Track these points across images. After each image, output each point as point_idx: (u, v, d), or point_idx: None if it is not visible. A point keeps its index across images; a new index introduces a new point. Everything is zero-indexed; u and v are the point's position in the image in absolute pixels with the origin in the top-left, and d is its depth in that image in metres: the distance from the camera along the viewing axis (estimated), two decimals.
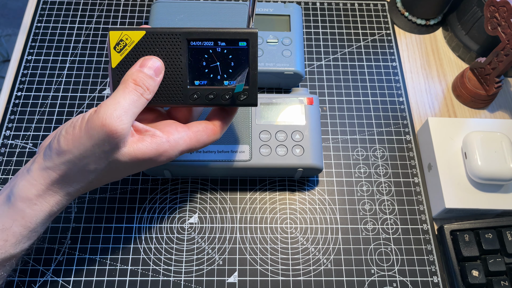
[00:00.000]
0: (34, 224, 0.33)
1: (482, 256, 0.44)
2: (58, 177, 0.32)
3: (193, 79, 0.35)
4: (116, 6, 0.61)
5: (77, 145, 0.31)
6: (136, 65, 0.33)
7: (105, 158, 0.32)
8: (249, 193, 0.49)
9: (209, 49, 0.34)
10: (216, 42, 0.34)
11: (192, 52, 0.34)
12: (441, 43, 0.60)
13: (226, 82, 0.35)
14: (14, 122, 0.52)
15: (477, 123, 0.49)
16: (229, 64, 0.34)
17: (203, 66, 0.34)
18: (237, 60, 0.34)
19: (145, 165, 0.34)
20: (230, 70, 0.34)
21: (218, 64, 0.34)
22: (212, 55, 0.34)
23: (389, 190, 0.49)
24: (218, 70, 0.34)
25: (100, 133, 0.30)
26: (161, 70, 0.34)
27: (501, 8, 0.47)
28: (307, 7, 0.62)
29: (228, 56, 0.34)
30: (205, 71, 0.34)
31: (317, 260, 0.45)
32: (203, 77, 0.35)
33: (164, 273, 0.44)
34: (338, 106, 0.55)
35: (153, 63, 0.33)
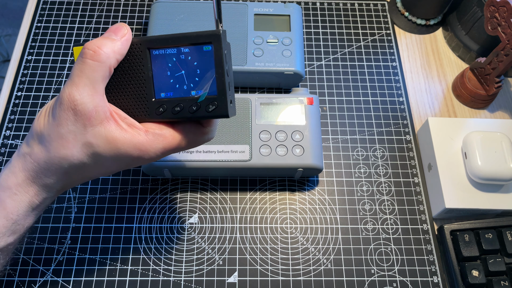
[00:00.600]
0: (16, 216, 0.32)
1: (482, 256, 0.44)
2: (33, 163, 0.31)
3: (159, 91, 0.32)
4: (116, 6, 0.61)
5: (46, 127, 0.30)
6: None
7: (74, 141, 0.30)
8: (249, 193, 0.49)
9: (172, 57, 0.31)
10: (179, 48, 0.31)
11: (155, 62, 0.32)
12: (441, 43, 0.60)
13: (193, 92, 0.31)
14: (14, 122, 0.52)
15: (477, 123, 0.49)
16: (195, 71, 0.31)
17: (167, 76, 0.32)
18: (203, 67, 0.31)
19: (123, 159, 0.31)
20: (196, 78, 0.31)
21: (183, 72, 0.31)
22: (176, 63, 0.31)
23: (389, 190, 0.49)
24: (184, 79, 0.31)
25: (62, 110, 0.29)
26: (121, 28, 0.31)
27: (501, 8, 0.47)
28: (307, 7, 0.62)
29: (193, 62, 0.31)
30: (170, 81, 0.32)
31: (317, 260, 0.45)
32: (169, 88, 0.32)
33: (164, 273, 0.44)
34: (338, 106, 0.55)
35: (114, 26, 0.32)
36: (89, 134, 0.30)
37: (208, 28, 0.53)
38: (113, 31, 0.31)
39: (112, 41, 0.30)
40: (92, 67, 0.29)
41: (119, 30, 0.31)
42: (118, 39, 0.31)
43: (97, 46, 0.30)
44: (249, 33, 0.53)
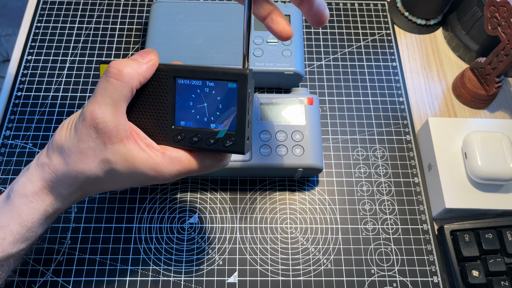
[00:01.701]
0: (30, 223, 0.33)
1: (482, 256, 0.44)
2: (51, 174, 0.32)
3: (179, 119, 0.32)
4: (116, 6, 0.61)
5: (68, 140, 0.31)
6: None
7: (93, 156, 0.31)
8: (249, 193, 0.49)
9: (197, 88, 0.31)
10: (205, 81, 0.31)
11: (179, 91, 0.32)
12: (441, 43, 0.60)
13: (213, 125, 0.32)
14: (14, 122, 0.52)
15: (477, 123, 0.49)
16: (217, 106, 0.31)
17: (189, 106, 0.32)
18: (225, 102, 0.31)
19: (138, 177, 0.32)
20: (217, 113, 0.31)
21: (205, 105, 0.32)
22: (200, 94, 0.31)
23: (389, 190, 0.49)
24: (205, 111, 0.32)
25: (83, 126, 0.30)
26: (148, 52, 0.32)
27: (501, 8, 0.47)
28: None
29: (217, 97, 0.31)
30: (191, 112, 0.32)
31: (317, 260, 0.45)
32: (189, 118, 0.32)
33: (164, 273, 0.44)
34: (338, 106, 0.55)
35: (142, 51, 0.32)
36: (108, 151, 0.30)
37: (208, 28, 0.53)
38: (141, 54, 0.32)
39: (138, 64, 0.31)
40: (116, 86, 0.30)
41: (147, 55, 0.32)
42: (144, 63, 0.31)
43: (122, 66, 0.30)
44: None
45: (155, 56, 0.32)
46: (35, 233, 0.34)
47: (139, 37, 0.58)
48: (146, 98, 0.33)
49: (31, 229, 0.33)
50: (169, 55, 0.51)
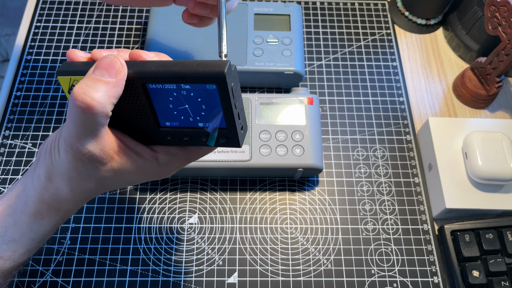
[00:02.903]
0: (42, 237, 0.34)
1: (483, 257, 0.44)
2: (55, 199, 0.31)
3: (164, 121, 0.29)
4: (116, 6, 0.61)
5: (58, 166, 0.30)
6: (88, 72, 0.27)
7: (88, 178, 0.30)
8: (249, 193, 0.49)
9: (172, 92, 0.27)
10: (179, 85, 0.27)
11: (154, 96, 0.28)
12: (442, 43, 0.60)
13: (201, 124, 0.29)
14: (14, 122, 0.51)
15: (477, 123, 0.49)
16: (200, 106, 0.28)
17: (170, 108, 0.28)
18: (208, 103, 0.28)
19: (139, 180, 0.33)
20: (202, 113, 0.28)
21: (186, 106, 0.28)
22: (177, 97, 0.28)
23: (389, 190, 0.49)
24: (189, 112, 0.28)
25: (69, 157, 0.29)
26: (115, 67, 0.27)
27: (502, 7, 0.47)
28: (307, 6, 0.62)
29: (197, 99, 0.27)
30: (174, 113, 0.29)
31: (317, 261, 0.45)
32: (173, 119, 0.29)
33: (164, 273, 0.44)
34: (338, 106, 0.54)
35: (105, 62, 0.27)
36: (101, 171, 0.30)
37: (208, 28, 0.52)
38: (105, 68, 0.27)
39: (106, 85, 0.26)
40: (88, 119, 0.27)
41: (112, 68, 0.27)
42: (112, 81, 0.27)
43: (89, 97, 0.26)
44: (249, 33, 0.53)
45: (123, 65, 0.27)
46: (44, 241, 0.35)
47: (139, 37, 0.58)
48: (122, 109, 0.30)
49: (42, 240, 0.34)
50: (169, 55, 0.50)
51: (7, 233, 0.32)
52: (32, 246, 0.34)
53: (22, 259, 0.34)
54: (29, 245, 0.33)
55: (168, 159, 0.31)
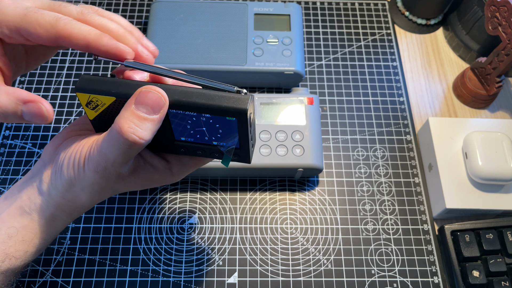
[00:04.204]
0: (53, 236, 0.34)
1: (483, 257, 0.43)
2: (71, 206, 0.32)
3: (179, 136, 0.30)
4: (116, 6, 0.61)
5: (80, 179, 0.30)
6: (129, 103, 0.27)
7: (107, 190, 0.31)
8: (249, 193, 0.49)
9: (192, 117, 0.28)
10: (199, 114, 0.28)
11: (172, 118, 0.29)
12: (442, 43, 0.60)
13: (215, 142, 0.30)
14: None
15: (477, 123, 0.49)
16: (217, 131, 0.29)
17: (187, 128, 0.29)
18: (225, 130, 0.29)
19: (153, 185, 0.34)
20: (218, 135, 0.29)
21: (204, 129, 0.29)
22: (196, 121, 0.28)
23: (389, 190, 0.49)
24: (205, 133, 0.29)
25: (99, 176, 0.29)
26: (160, 104, 0.27)
27: (502, 7, 0.47)
28: (307, 6, 0.62)
29: (215, 125, 0.28)
30: (190, 132, 0.29)
31: (318, 261, 0.45)
32: (189, 136, 0.30)
33: (164, 273, 0.44)
34: (338, 106, 0.54)
35: (150, 98, 0.26)
36: (121, 184, 0.31)
37: (208, 28, 0.53)
38: (151, 106, 0.27)
39: (152, 122, 0.27)
40: (131, 152, 0.28)
41: (157, 105, 0.27)
42: (157, 117, 0.27)
43: (137, 137, 0.26)
44: (249, 33, 0.53)
45: (166, 102, 0.27)
46: (53, 240, 0.36)
47: None
48: None
49: (52, 240, 0.35)
50: (169, 55, 0.51)
51: (19, 234, 0.32)
52: (42, 246, 0.34)
53: (33, 258, 0.34)
54: (40, 245, 0.34)
55: (180, 169, 0.32)
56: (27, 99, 0.28)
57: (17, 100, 0.28)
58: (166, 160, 0.32)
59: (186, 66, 0.50)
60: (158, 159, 0.32)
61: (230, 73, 0.51)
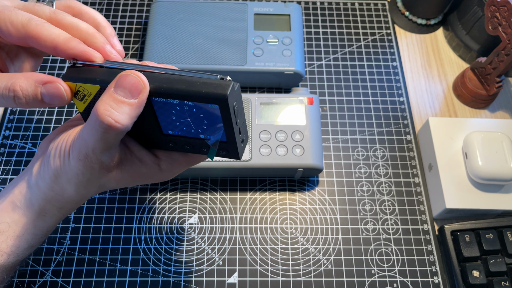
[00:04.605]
0: (45, 232, 0.34)
1: (483, 257, 0.43)
2: (60, 200, 0.32)
3: (166, 129, 0.30)
4: (116, 6, 0.61)
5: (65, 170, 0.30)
6: (109, 87, 0.27)
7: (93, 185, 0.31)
8: (249, 193, 0.48)
9: (175, 106, 0.28)
10: (182, 101, 0.28)
11: (157, 107, 0.29)
12: (442, 43, 0.60)
13: (203, 136, 0.30)
14: (14, 122, 0.51)
15: (477, 123, 0.49)
16: (202, 121, 0.29)
17: (172, 120, 0.29)
18: (210, 119, 0.28)
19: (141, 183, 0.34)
20: (204, 126, 0.29)
21: (189, 120, 0.29)
22: (180, 111, 0.28)
23: (389, 190, 0.49)
24: (191, 124, 0.29)
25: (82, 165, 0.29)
26: (139, 87, 0.27)
27: (502, 7, 0.47)
28: (307, 6, 0.62)
29: (199, 114, 0.28)
30: (176, 124, 0.29)
31: (318, 261, 0.45)
32: (176, 129, 0.30)
33: (164, 273, 0.44)
34: (338, 106, 0.54)
35: (128, 81, 0.27)
36: (107, 177, 0.31)
37: (208, 28, 0.53)
38: (129, 89, 0.27)
39: (129, 106, 0.27)
40: (109, 137, 0.27)
41: (136, 89, 0.27)
42: (135, 102, 0.27)
43: (113, 120, 0.26)
44: (249, 33, 0.53)
45: (146, 85, 0.27)
46: (46, 236, 0.35)
47: (139, 37, 0.58)
48: None
49: (45, 235, 0.35)
50: (169, 55, 0.51)
51: (10, 229, 0.32)
52: (35, 242, 0.34)
53: (25, 254, 0.34)
54: (32, 240, 0.34)
55: (170, 164, 0.32)
56: (45, 80, 0.29)
57: (36, 82, 0.28)
58: (155, 155, 0.32)
59: (186, 66, 0.50)
60: (146, 153, 0.31)
61: (230, 73, 0.51)
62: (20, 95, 0.28)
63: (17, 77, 0.29)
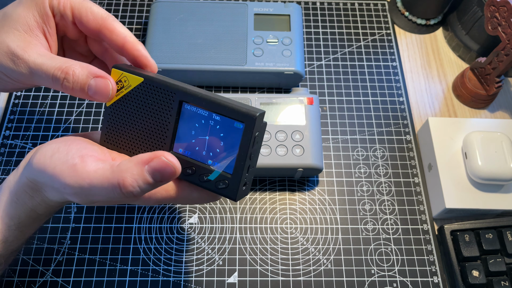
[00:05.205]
0: (16, 222, 0.33)
1: (483, 256, 0.44)
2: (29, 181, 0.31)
3: (177, 146, 0.30)
4: (116, 6, 0.61)
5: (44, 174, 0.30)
6: (141, 161, 0.28)
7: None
8: (249, 193, 0.49)
9: (202, 118, 0.29)
10: (211, 113, 0.29)
11: (184, 116, 0.30)
12: (442, 43, 0.60)
13: (210, 161, 0.30)
14: (14, 122, 0.51)
15: (477, 123, 0.49)
16: (219, 142, 0.29)
17: (191, 135, 0.30)
18: (228, 141, 0.29)
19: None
20: (217, 150, 0.29)
21: (207, 138, 0.29)
22: (203, 125, 0.29)
23: (389, 190, 0.49)
24: (205, 144, 0.29)
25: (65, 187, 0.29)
26: (168, 176, 0.28)
27: (502, 8, 0.47)
28: (307, 7, 0.62)
29: (220, 133, 0.29)
30: (191, 141, 0.30)
31: (317, 260, 0.45)
32: (188, 148, 0.30)
33: (164, 273, 0.44)
34: (338, 106, 0.54)
35: (165, 169, 0.27)
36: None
37: (208, 28, 0.53)
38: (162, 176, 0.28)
39: (152, 187, 0.28)
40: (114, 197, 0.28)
41: (168, 178, 0.28)
42: (159, 184, 0.28)
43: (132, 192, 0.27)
44: (249, 33, 0.53)
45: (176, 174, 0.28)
46: (24, 233, 0.34)
47: (139, 37, 0.58)
48: (147, 112, 0.31)
49: (18, 228, 0.33)
50: (169, 55, 0.51)
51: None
52: (7, 235, 0.33)
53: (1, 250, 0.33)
54: (5, 231, 0.33)
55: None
56: (98, 74, 0.30)
57: (89, 73, 0.30)
58: None
59: (186, 66, 0.50)
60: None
61: (230, 73, 0.51)
62: (71, 79, 0.29)
63: (73, 62, 0.30)
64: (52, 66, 0.29)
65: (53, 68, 0.29)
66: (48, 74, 0.29)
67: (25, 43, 0.31)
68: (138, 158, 0.28)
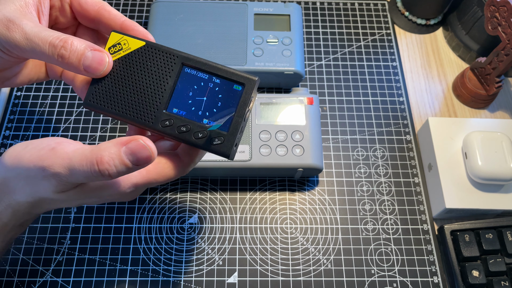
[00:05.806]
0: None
1: (483, 256, 0.44)
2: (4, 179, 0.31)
3: (173, 106, 0.31)
4: (116, 6, 0.61)
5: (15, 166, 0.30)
6: (119, 143, 0.28)
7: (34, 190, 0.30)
8: (249, 193, 0.49)
9: (201, 81, 0.31)
10: (212, 76, 0.31)
11: (183, 78, 0.31)
12: (442, 43, 0.60)
13: (205, 121, 0.31)
14: (14, 122, 0.51)
15: (477, 123, 0.49)
16: (216, 103, 0.31)
17: (188, 96, 0.31)
18: (226, 102, 0.31)
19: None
20: (214, 110, 0.31)
21: (204, 99, 0.31)
22: (202, 88, 0.31)
23: (389, 190, 0.49)
24: (202, 105, 0.31)
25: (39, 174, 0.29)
26: (144, 159, 0.28)
27: (502, 7, 0.47)
28: (307, 7, 0.62)
29: (218, 95, 0.31)
30: (188, 102, 0.31)
31: (317, 261, 0.45)
32: (184, 107, 0.31)
33: (164, 273, 0.44)
34: (338, 106, 0.54)
35: (141, 151, 0.28)
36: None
37: (208, 28, 0.53)
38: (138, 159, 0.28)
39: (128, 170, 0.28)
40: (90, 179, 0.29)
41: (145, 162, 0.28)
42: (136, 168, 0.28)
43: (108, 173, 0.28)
44: (249, 33, 0.53)
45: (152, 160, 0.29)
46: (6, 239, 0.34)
47: None
48: (145, 73, 0.31)
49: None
50: None
51: None
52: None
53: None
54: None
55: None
56: (96, 47, 0.30)
57: (87, 46, 0.30)
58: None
59: None
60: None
61: None
62: (68, 47, 0.29)
63: (71, 36, 0.30)
64: (50, 35, 0.29)
65: (51, 36, 0.29)
66: (45, 41, 0.29)
67: (22, 14, 0.31)
68: (117, 139, 0.28)
